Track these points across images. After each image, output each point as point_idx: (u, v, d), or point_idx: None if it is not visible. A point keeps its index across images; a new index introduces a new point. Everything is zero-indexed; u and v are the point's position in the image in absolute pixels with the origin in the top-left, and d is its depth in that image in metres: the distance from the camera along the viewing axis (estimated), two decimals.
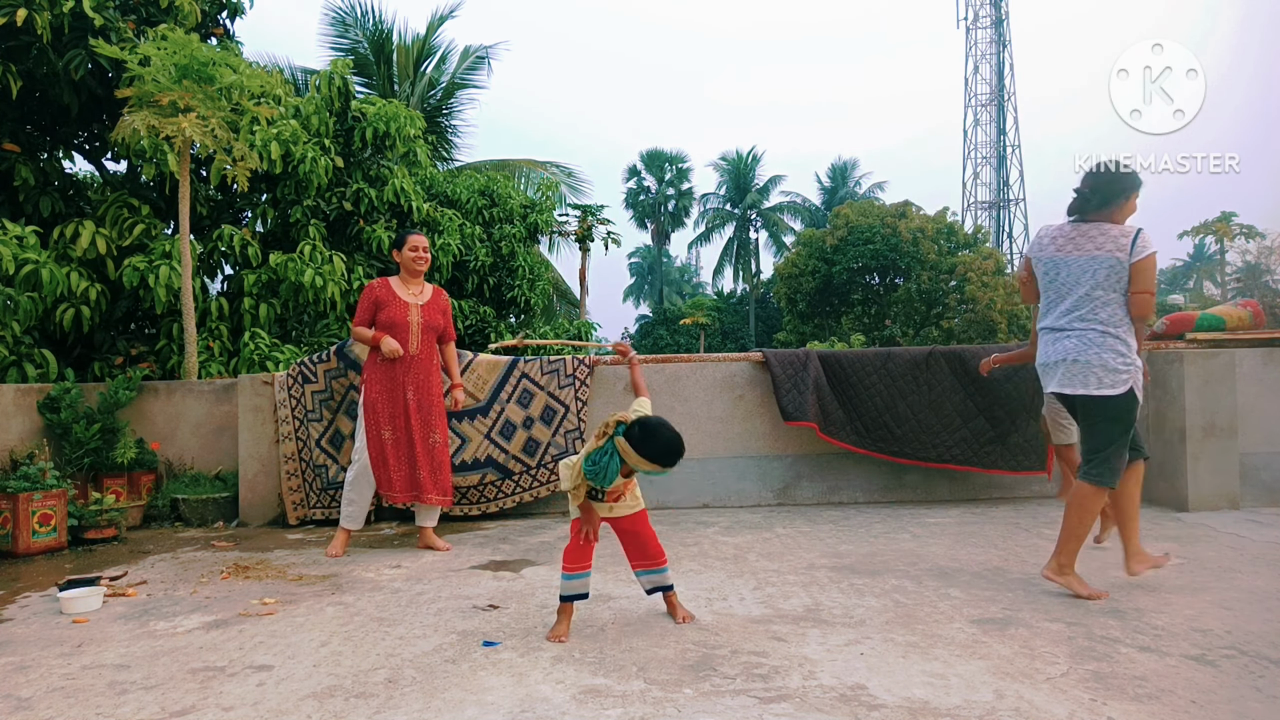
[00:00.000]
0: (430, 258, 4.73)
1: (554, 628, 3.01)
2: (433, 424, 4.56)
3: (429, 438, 4.55)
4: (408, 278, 4.64)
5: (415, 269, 4.61)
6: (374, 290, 4.55)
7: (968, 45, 52.66)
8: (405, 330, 4.48)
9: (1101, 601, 3.27)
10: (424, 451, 4.52)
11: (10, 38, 6.40)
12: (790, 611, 3.23)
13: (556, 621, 3.04)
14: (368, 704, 2.40)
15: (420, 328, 4.53)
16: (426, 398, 4.54)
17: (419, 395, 4.51)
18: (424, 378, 4.54)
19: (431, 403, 4.57)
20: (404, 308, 4.52)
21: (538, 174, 15.35)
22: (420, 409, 4.51)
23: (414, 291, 4.61)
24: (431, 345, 4.61)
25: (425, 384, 4.54)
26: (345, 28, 14.51)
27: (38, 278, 6.02)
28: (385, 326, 4.47)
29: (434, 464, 4.55)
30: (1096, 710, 2.26)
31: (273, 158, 7.36)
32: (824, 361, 5.68)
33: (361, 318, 4.54)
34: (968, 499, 5.73)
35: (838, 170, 51.82)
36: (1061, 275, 3.38)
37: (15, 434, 5.37)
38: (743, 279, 51.39)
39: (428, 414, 4.55)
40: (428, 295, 4.66)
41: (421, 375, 4.53)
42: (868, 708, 2.30)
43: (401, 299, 4.54)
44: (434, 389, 4.60)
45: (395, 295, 4.54)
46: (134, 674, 2.70)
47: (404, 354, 4.45)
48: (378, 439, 4.46)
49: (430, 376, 4.58)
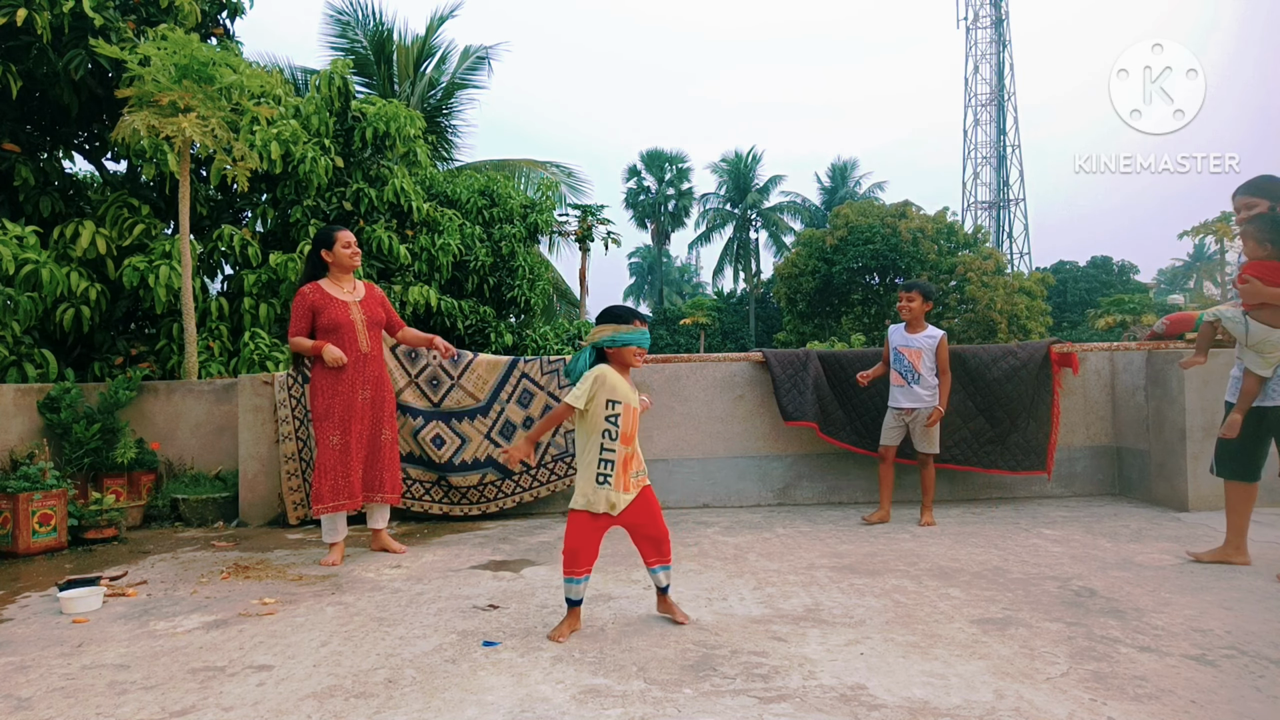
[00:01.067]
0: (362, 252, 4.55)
1: (556, 627, 3.02)
2: (383, 422, 4.47)
3: (379, 435, 4.45)
4: (339, 275, 4.44)
5: (350, 264, 4.45)
6: (307, 297, 4.31)
7: (968, 45, 52.70)
8: (351, 329, 4.34)
9: (1102, 600, 3.27)
10: (376, 450, 4.43)
11: (10, 38, 6.40)
12: (790, 611, 3.23)
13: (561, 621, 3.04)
14: (368, 704, 2.40)
15: (365, 324, 4.40)
16: (380, 394, 4.44)
17: (374, 393, 4.40)
18: (378, 374, 4.43)
19: (384, 399, 4.47)
20: (344, 307, 4.37)
21: (538, 174, 15.34)
22: (374, 406, 4.41)
23: (348, 289, 4.46)
24: (379, 340, 4.48)
25: (379, 380, 4.44)
26: (345, 27, 14.51)
27: (38, 278, 6.02)
28: (329, 331, 4.32)
29: (387, 461, 4.47)
30: (1096, 710, 2.26)
31: (273, 158, 7.36)
32: (824, 361, 5.68)
33: (299, 327, 4.31)
34: (968, 499, 5.73)
35: (837, 170, 51.84)
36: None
37: (15, 434, 5.37)
38: (743, 279, 51.41)
39: (380, 411, 4.45)
40: (362, 291, 4.51)
41: (375, 372, 4.42)
42: (868, 708, 2.30)
43: (339, 299, 4.39)
44: (387, 385, 4.52)
45: (331, 297, 4.38)
46: (134, 674, 2.70)
47: (356, 353, 4.34)
48: (328, 446, 4.32)
49: (383, 373, 4.49)
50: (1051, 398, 5.53)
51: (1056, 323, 39.06)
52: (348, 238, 4.47)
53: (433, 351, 5.38)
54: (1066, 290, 44.83)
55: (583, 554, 2.99)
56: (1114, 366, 5.81)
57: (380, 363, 4.50)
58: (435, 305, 8.67)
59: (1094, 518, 4.99)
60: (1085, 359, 5.80)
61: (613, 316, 3.05)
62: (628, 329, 3.01)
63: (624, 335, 3.00)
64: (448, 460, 5.30)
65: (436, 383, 5.36)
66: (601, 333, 3.03)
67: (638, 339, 3.02)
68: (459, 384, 5.38)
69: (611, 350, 3.03)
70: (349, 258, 4.44)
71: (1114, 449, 5.82)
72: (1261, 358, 3.59)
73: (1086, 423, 5.81)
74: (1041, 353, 5.58)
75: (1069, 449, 5.75)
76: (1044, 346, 5.61)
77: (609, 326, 3.03)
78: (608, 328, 3.03)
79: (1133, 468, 5.63)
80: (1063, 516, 5.05)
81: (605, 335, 3.02)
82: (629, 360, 3.05)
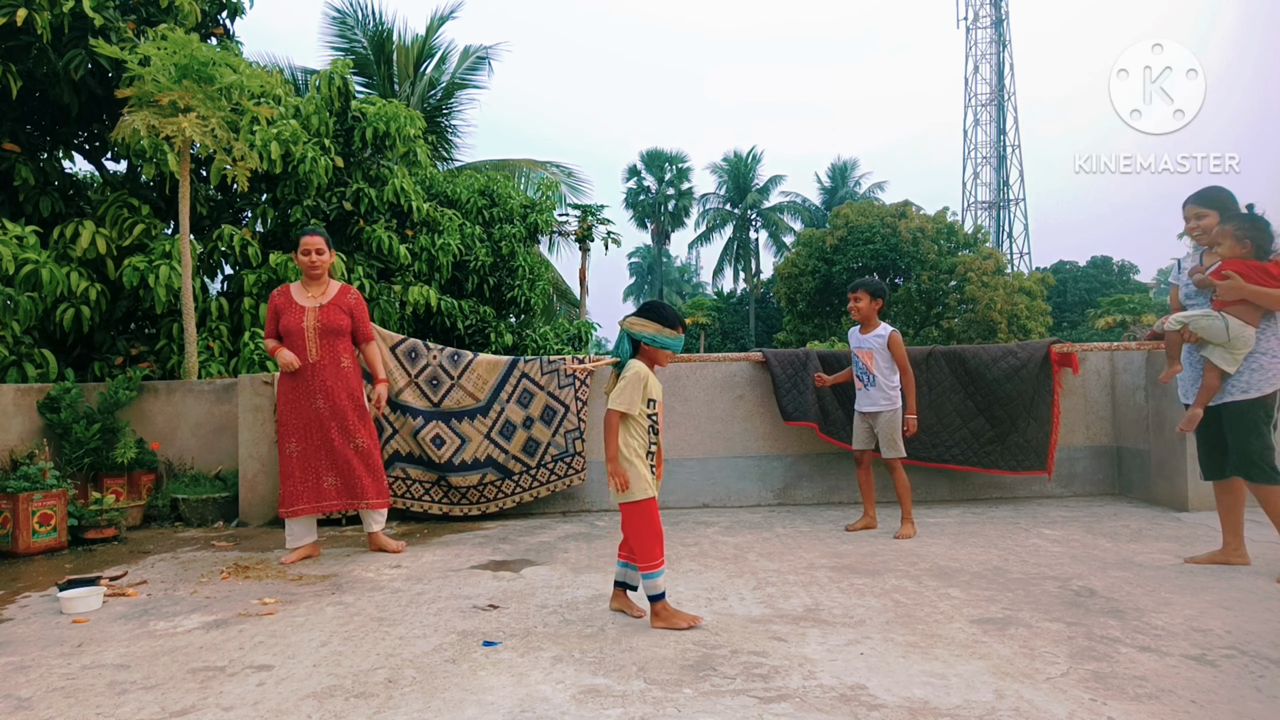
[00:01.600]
0: (326, 261, 4.43)
1: (676, 616, 3.05)
2: (352, 430, 4.37)
3: (350, 443, 4.38)
4: (308, 281, 4.45)
5: (311, 274, 4.43)
6: (274, 299, 4.41)
7: (968, 45, 52.68)
8: (301, 337, 4.31)
9: (1102, 600, 3.27)
10: (351, 457, 4.37)
11: (10, 38, 6.40)
12: (790, 611, 3.23)
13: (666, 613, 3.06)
14: (368, 704, 2.40)
15: (318, 332, 4.33)
16: (335, 404, 4.33)
17: (326, 402, 4.33)
18: (329, 384, 4.34)
19: (346, 408, 4.36)
20: (299, 313, 4.34)
21: (538, 174, 15.34)
22: (335, 415, 4.34)
23: (313, 294, 4.42)
24: (334, 349, 4.37)
25: (333, 389, 4.34)
26: (345, 27, 14.51)
27: (38, 278, 6.02)
28: (284, 334, 4.33)
29: (368, 467, 4.42)
30: (1096, 710, 2.26)
31: (273, 158, 7.36)
32: (824, 361, 5.68)
33: (268, 329, 4.43)
34: (968, 499, 5.73)
35: (838, 170, 51.82)
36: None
37: (15, 434, 5.37)
38: (743, 279, 51.40)
39: (344, 420, 4.36)
40: (329, 295, 4.44)
41: (327, 382, 4.33)
42: (868, 708, 2.30)
43: (298, 304, 4.37)
44: (343, 393, 4.36)
45: (292, 301, 4.38)
46: (134, 674, 2.70)
47: (304, 361, 4.30)
48: (286, 454, 4.33)
49: (338, 381, 4.36)
50: (1051, 398, 5.53)
51: (1056, 323, 39.06)
52: (307, 244, 4.42)
53: (432, 351, 5.39)
54: (1066, 290, 44.84)
55: (661, 539, 3.08)
56: (1114, 366, 5.81)
57: (334, 372, 4.36)
58: (435, 305, 8.68)
59: (1094, 518, 4.99)
60: (1085, 359, 5.80)
61: (660, 318, 3.11)
62: (670, 334, 3.10)
63: (663, 339, 3.10)
64: (447, 460, 5.30)
65: (436, 383, 5.37)
66: (645, 328, 3.09)
67: (674, 345, 3.12)
68: (459, 384, 5.38)
69: (648, 347, 3.11)
70: (308, 265, 4.42)
71: (1114, 449, 5.82)
72: (1232, 354, 3.63)
73: (1086, 423, 5.81)
74: (1041, 353, 5.58)
75: (1069, 449, 5.75)
76: (1044, 346, 5.61)
77: (653, 325, 3.09)
78: (652, 325, 3.09)
79: (1133, 468, 5.63)
80: (1063, 516, 5.05)
81: (648, 333, 3.09)
82: (660, 360, 3.15)
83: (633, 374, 3.06)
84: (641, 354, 3.13)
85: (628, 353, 3.13)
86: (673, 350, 3.13)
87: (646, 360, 3.13)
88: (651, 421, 3.10)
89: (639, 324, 3.10)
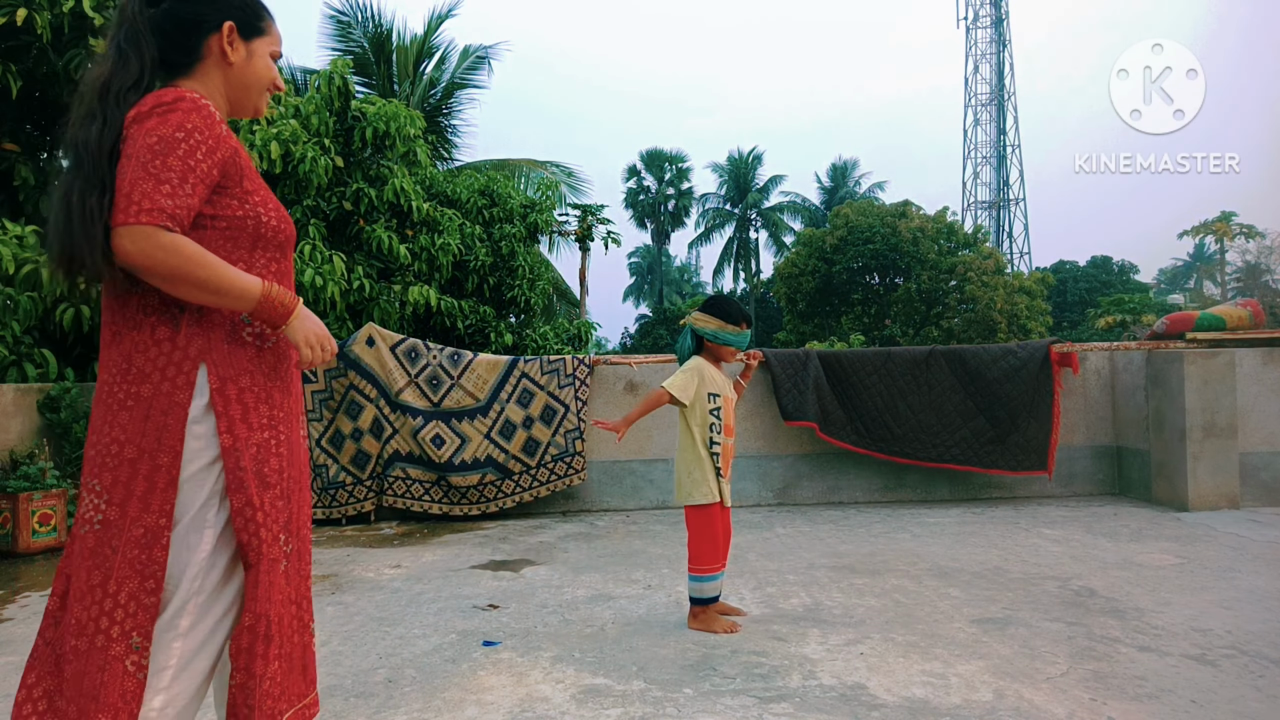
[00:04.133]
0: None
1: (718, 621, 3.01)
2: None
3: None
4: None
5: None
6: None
7: (968, 45, 52.67)
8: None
9: (1102, 600, 3.27)
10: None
11: (10, 38, 6.40)
12: (790, 611, 3.23)
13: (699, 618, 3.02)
14: (367, 704, 2.40)
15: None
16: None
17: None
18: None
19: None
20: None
21: (538, 174, 15.33)
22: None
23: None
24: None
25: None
26: (345, 27, 14.50)
27: (38, 277, 6.01)
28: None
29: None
30: (1096, 710, 2.26)
31: (273, 157, 7.36)
32: (824, 361, 5.68)
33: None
34: (968, 499, 5.73)
35: (837, 170, 51.79)
36: None
37: (15, 434, 5.37)
38: (743, 279, 51.39)
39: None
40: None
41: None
42: (868, 708, 2.30)
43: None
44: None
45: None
46: None
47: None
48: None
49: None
50: (1052, 397, 5.53)
51: (1056, 322, 39.04)
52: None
53: (432, 351, 5.38)
54: (1066, 290, 44.81)
55: (722, 545, 3.02)
56: (1114, 366, 5.81)
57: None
58: (435, 305, 8.67)
59: (1094, 518, 4.98)
60: (1085, 359, 5.80)
61: (723, 314, 3.09)
62: (733, 330, 3.08)
63: (726, 335, 3.08)
64: (447, 460, 5.30)
65: (436, 382, 5.36)
66: (707, 324, 3.08)
67: (738, 342, 3.10)
68: (459, 384, 5.38)
69: (710, 344, 3.10)
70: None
71: (1114, 449, 5.82)
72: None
73: (1086, 422, 5.81)
74: (1041, 352, 5.58)
75: (1069, 449, 5.74)
76: (1044, 346, 5.61)
77: (716, 321, 3.08)
78: (714, 322, 3.08)
79: (1133, 468, 5.63)
80: (1063, 516, 5.05)
81: (710, 329, 3.08)
82: (724, 356, 3.14)
83: (692, 364, 3.06)
84: (705, 350, 3.13)
85: (689, 349, 3.13)
86: (737, 346, 3.10)
87: (710, 357, 3.12)
88: (715, 418, 3.05)
89: (702, 319, 3.10)
